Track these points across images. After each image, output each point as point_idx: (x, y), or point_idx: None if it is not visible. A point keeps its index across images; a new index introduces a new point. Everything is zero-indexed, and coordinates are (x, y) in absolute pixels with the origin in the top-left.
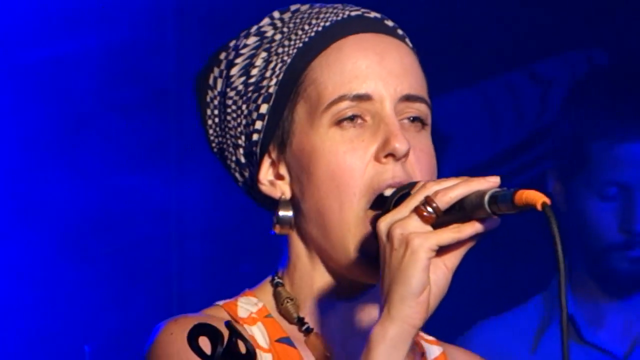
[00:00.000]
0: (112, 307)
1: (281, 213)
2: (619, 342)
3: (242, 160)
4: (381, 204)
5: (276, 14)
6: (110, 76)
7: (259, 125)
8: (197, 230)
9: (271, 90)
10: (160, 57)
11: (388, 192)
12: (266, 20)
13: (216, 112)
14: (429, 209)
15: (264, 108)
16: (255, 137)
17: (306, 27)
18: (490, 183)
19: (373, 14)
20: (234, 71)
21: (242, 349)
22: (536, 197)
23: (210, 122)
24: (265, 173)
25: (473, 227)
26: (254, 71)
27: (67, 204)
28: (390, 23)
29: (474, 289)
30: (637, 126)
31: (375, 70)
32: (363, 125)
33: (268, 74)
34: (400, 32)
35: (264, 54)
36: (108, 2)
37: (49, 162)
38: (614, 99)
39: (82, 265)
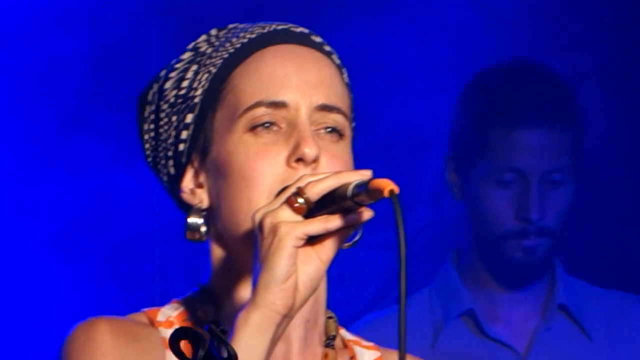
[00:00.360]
0: (100, 305)
1: (190, 220)
2: (518, 336)
3: (172, 171)
4: None
5: (213, 32)
6: (101, 74)
7: (184, 135)
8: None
9: (196, 100)
10: (149, 55)
11: None
12: (203, 37)
13: (152, 126)
14: (300, 200)
15: (189, 118)
16: (181, 147)
17: (234, 39)
18: (360, 175)
19: (300, 29)
20: (168, 85)
21: (224, 353)
22: (384, 185)
23: (146, 136)
24: (188, 182)
25: (340, 220)
26: (185, 84)
27: (56, 201)
28: (317, 39)
29: (361, 278)
30: (533, 114)
31: (293, 79)
32: (278, 132)
33: (195, 84)
34: (327, 48)
35: (194, 67)
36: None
37: (37, 159)
38: (509, 89)
39: (68, 264)
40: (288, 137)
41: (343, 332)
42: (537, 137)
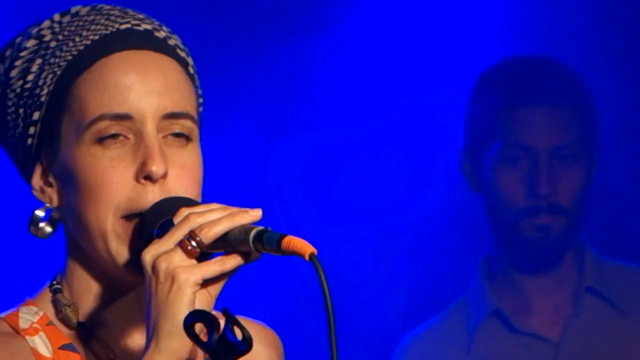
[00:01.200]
0: None
1: (36, 213)
2: (551, 325)
3: (21, 157)
4: (139, 217)
5: (57, 17)
6: None
7: (32, 130)
8: None
9: (43, 99)
10: None
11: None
12: (47, 23)
13: None
14: (193, 244)
15: (36, 115)
16: (29, 141)
17: (77, 38)
18: (252, 217)
19: (143, 26)
20: (14, 73)
21: (239, 335)
22: (304, 248)
23: None
24: (38, 179)
25: (236, 260)
26: (30, 77)
27: None
28: (161, 34)
29: (371, 263)
30: (537, 91)
31: (137, 89)
32: (125, 143)
33: (41, 82)
34: (171, 42)
35: (39, 61)
36: None
37: None
38: (516, 72)
39: None
40: (135, 150)
41: None
42: (542, 113)
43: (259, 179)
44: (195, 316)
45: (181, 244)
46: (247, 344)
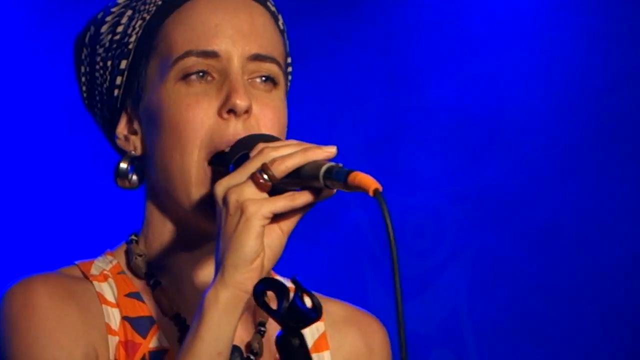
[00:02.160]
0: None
1: (120, 165)
2: None
3: (108, 115)
4: (221, 160)
5: None
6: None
7: (119, 80)
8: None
9: (130, 46)
10: None
11: (228, 150)
12: None
13: (88, 69)
14: (265, 177)
15: (123, 64)
16: (116, 92)
17: None
18: (326, 153)
19: None
20: (104, 29)
21: (309, 303)
22: (369, 182)
23: (83, 79)
24: (123, 128)
25: (306, 197)
26: (120, 29)
27: None
28: None
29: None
30: None
31: (224, 29)
32: (210, 81)
33: (129, 30)
34: None
35: (129, 12)
36: None
37: None
38: None
39: None
40: (220, 87)
41: (279, 278)
42: None
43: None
44: (264, 284)
45: (253, 177)
46: (316, 312)
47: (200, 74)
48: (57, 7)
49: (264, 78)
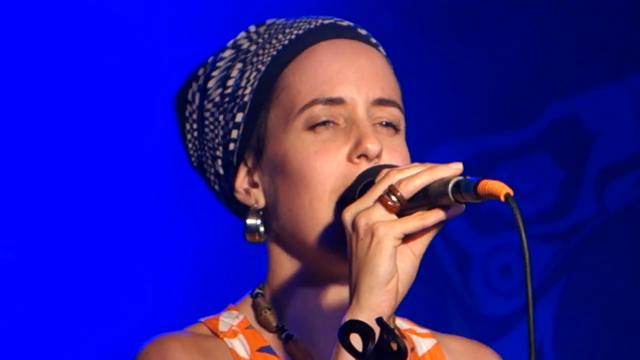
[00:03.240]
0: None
1: (248, 221)
2: None
3: (221, 171)
4: (347, 196)
5: (252, 28)
6: None
7: (234, 134)
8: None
9: (246, 98)
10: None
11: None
12: (242, 34)
13: (195, 125)
14: (393, 198)
15: (239, 117)
16: (231, 146)
17: (280, 36)
18: (453, 170)
19: (346, 23)
20: (211, 84)
21: (394, 346)
22: (499, 188)
23: (189, 136)
24: (242, 181)
25: (437, 215)
26: (230, 82)
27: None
28: (363, 31)
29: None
30: None
31: (347, 74)
32: (336, 128)
33: (243, 83)
34: (373, 40)
35: (239, 65)
36: None
37: None
38: None
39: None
40: (347, 133)
41: (398, 321)
42: None
43: None
44: (349, 325)
45: (381, 200)
46: (402, 355)
47: (326, 122)
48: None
49: (386, 123)
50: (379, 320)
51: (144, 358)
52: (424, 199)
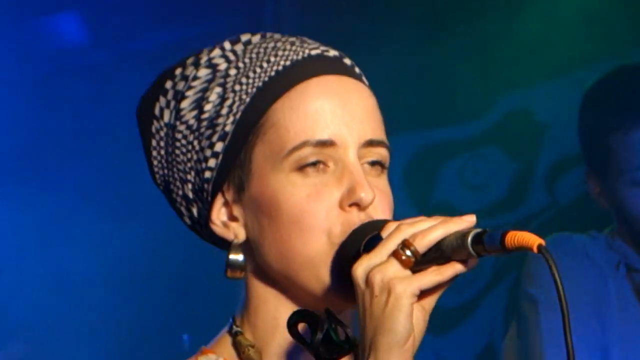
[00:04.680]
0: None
1: (232, 257)
2: None
3: (190, 195)
4: (346, 250)
5: (227, 45)
6: None
7: (212, 163)
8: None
9: (227, 129)
10: None
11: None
12: (217, 52)
13: (162, 144)
14: (408, 253)
15: (218, 146)
16: (207, 174)
17: (265, 64)
18: (467, 223)
19: (332, 52)
20: (185, 104)
21: (342, 335)
22: (531, 240)
23: (155, 153)
24: (218, 213)
25: (454, 269)
26: (208, 107)
27: None
28: (348, 61)
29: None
30: None
31: (338, 115)
32: (326, 170)
33: (224, 111)
34: (357, 70)
35: (218, 89)
36: None
37: None
38: (622, 92)
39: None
40: (338, 178)
41: None
42: None
43: None
44: (298, 315)
45: (395, 254)
46: (350, 344)
47: (316, 164)
48: None
49: (373, 162)
50: (327, 310)
51: None
52: (437, 252)
